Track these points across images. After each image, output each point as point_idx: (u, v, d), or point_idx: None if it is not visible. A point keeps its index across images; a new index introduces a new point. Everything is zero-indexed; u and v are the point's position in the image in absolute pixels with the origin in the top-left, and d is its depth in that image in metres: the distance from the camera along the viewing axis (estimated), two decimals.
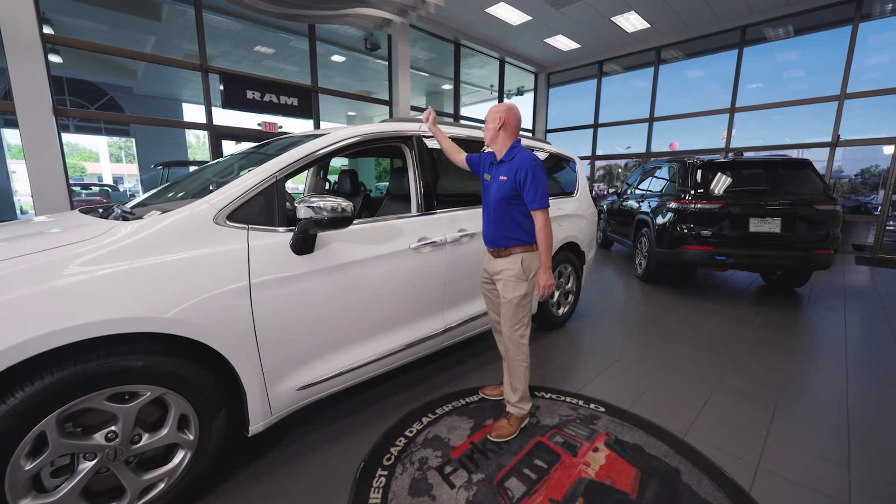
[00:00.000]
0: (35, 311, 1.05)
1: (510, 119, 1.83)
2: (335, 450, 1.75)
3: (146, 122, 10.33)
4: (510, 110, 1.84)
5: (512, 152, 1.83)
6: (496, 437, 1.82)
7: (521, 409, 1.89)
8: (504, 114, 1.82)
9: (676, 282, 4.98)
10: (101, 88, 12.65)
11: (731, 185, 4.11)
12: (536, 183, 1.72)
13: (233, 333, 1.40)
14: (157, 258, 1.28)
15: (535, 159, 1.76)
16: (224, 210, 1.46)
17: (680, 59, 9.08)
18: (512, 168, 1.77)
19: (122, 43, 8.63)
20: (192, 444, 1.39)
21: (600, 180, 11.29)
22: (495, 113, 1.84)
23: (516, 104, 1.89)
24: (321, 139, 1.79)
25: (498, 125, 1.83)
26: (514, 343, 1.87)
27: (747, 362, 2.70)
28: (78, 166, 24.75)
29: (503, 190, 1.79)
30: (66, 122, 13.94)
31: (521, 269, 1.82)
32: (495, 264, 1.90)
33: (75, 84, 11.91)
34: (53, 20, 7.40)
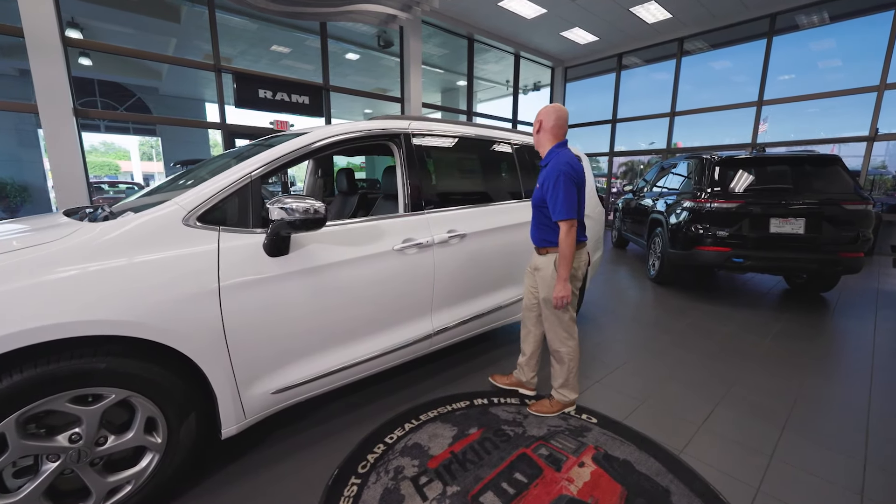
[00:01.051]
0: None
1: (546, 121, 1.87)
2: (312, 455, 1.72)
3: (163, 122, 10.68)
4: (548, 112, 1.87)
5: (547, 157, 1.88)
6: (535, 411, 2.01)
7: (563, 397, 2.01)
8: (542, 116, 1.88)
9: (693, 284, 4.75)
10: (129, 89, 13.09)
11: (751, 182, 3.87)
12: (557, 193, 1.75)
13: (201, 337, 1.39)
14: (120, 260, 1.26)
15: (564, 167, 1.76)
16: (194, 211, 1.44)
17: (704, 51, 8.67)
18: (543, 175, 1.85)
19: (147, 45, 8.89)
20: (161, 446, 1.38)
21: (622, 177, 10.94)
22: (536, 116, 1.92)
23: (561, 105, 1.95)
24: (300, 139, 1.75)
25: (535, 128, 1.91)
26: (557, 342, 1.96)
27: (759, 373, 2.53)
28: (112, 164, 25.90)
29: (536, 196, 1.92)
30: (97, 122, 14.58)
31: (555, 270, 1.88)
32: (536, 260, 2.04)
33: (105, 85, 12.41)
34: (84, 25, 7.71)
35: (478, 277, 2.36)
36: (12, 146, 9.77)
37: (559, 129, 1.88)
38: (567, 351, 1.94)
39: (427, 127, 2.24)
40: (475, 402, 2.14)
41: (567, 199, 1.74)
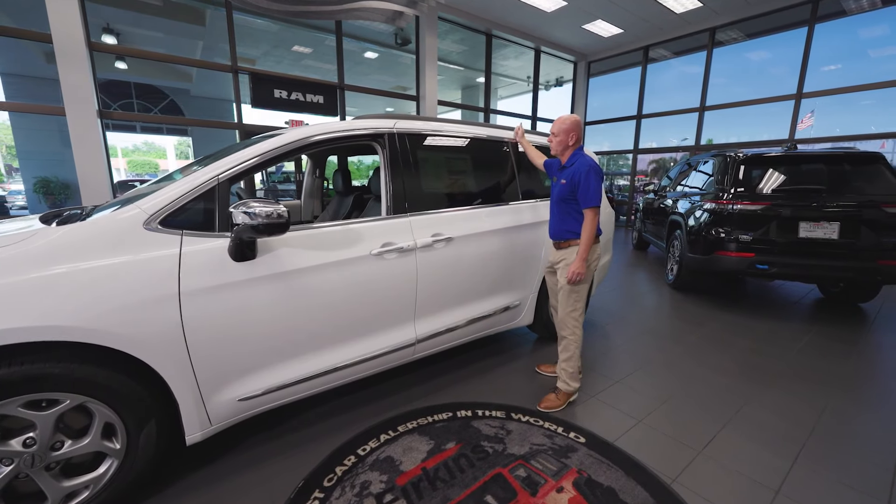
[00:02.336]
0: None
1: (580, 133, 2.15)
2: (280, 465, 1.68)
3: (183, 123, 11.06)
4: (577, 125, 2.12)
5: (573, 158, 2.12)
6: (544, 408, 2.08)
7: (567, 386, 2.13)
8: (578, 132, 2.12)
9: (715, 290, 4.46)
10: (163, 91, 13.67)
11: (780, 182, 3.57)
12: (588, 184, 2.00)
13: (160, 343, 1.36)
14: (74, 265, 1.25)
15: (591, 164, 2.04)
16: (157, 214, 1.42)
17: (739, 41, 8.14)
18: (570, 172, 2.08)
19: (176, 48, 9.26)
20: (119, 452, 1.37)
21: (652, 175, 10.49)
22: (569, 132, 2.11)
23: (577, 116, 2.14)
24: (273, 140, 1.71)
25: (572, 142, 2.12)
26: (567, 323, 2.14)
27: (777, 392, 2.31)
28: (153, 163, 27.26)
29: (563, 192, 2.12)
30: (133, 124, 15.32)
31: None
32: (556, 255, 2.24)
33: (141, 88, 13.02)
34: (118, 30, 8.08)
35: (466, 284, 2.26)
36: (56, 146, 10.40)
37: (581, 139, 2.17)
38: (574, 338, 2.13)
39: (414, 126, 2.16)
40: (458, 413, 2.04)
41: (597, 189, 2.00)
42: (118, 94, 12.34)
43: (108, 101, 12.09)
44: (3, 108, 6.41)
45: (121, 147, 25.61)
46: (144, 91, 13.11)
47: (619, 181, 11.39)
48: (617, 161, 11.82)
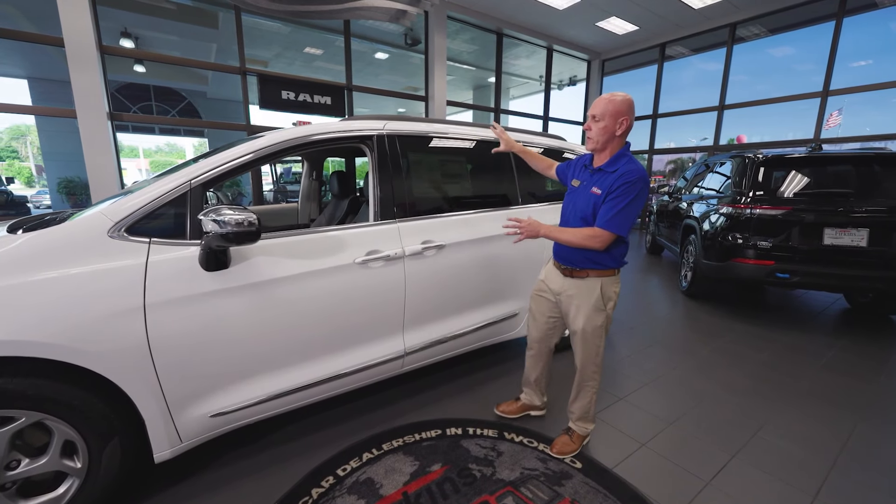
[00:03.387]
0: None
1: (632, 122, 1.54)
2: (256, 484, 1.60)
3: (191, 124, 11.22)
4: (633, 108, 1.53)
5: (617, 162, 1.55)
6: (557, 454, 1.77)
7: (584, 429, 1.82)
8: (630, 117, 1.52)
9: (732, 299, 4.23)
10: (181, 94, 13.95)
11: (802, 185, 3.35)
12: (624, 201, 1.47)
13: (124, 358, 1.29)
14: (31, 275, 1.19)
15: (644, 178, 1.49)
16: (123, 222, 1.35)
17: (761, 37, 7.80)
18: (611, 181, 1.51)
19: (191, 51, 9.41)
20: (81, 472, 1.31)
21: (670, 175, 10.18)
22: (618, 115, 1.50)
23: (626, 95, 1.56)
24: (253, 142, 1.63)
25: (621, 130, 1.52)
26: (590, 374, 1.75)
27: (797, 413, 2.13)
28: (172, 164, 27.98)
29: (593, 204, 1.56)
30: (153, 126, 15.69)
31: (601, 296, 1.63)
32: (563, 283, 1.72)
33: (159, 90, 13.32)
34: (138, 35, 8.25)
35: (459, 293, 2.15)
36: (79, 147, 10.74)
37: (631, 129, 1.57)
38: (595, 383, 1.78)
39: (405, 128, 2.06)
40: (447, 431, 1.93)
41: (632, 214, 1.49)
42: (138, 97, 12.65)
43: (128, 104, 12.41)
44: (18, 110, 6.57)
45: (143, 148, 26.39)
46: (163, 93, 13.41)
47: None
48: None
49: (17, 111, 6.01)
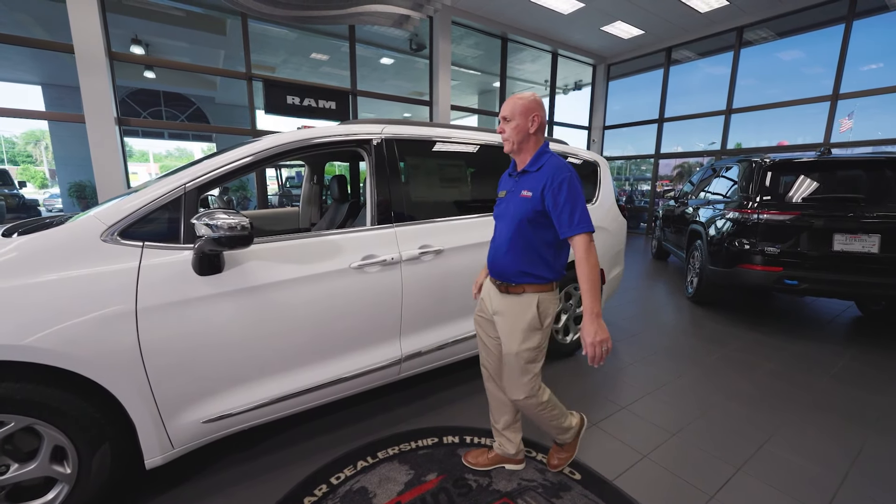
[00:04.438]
0: None
1: (544, 118, 1.44)
2: (249, 492, 1.57)
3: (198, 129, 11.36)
4: (542, 104, 1.44)
5: (539, 160, 1.44)
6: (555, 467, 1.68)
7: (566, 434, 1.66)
8: (541, 113, 1.42)
9: (738, 305, 4.15)
10: (190, 99, 14.14)
11: (811, 190, 3.28)
12: (574, 199, 1.33)
13: (115, 362, 1.28)
14: (21, 279, 1.19)
15: (570, 168, 1.38)
16: (116, 226, 1.35)
17: (769, 40, 7.72)
18: (539, 180, 1.39)
19: (199, 57, 9.54)
20: (70, 477, 1.30)
21: (676, 180, 10.11)
22: (528, 112, 1.41)
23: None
24: (249, 146, 1.63)
25: (533, 126, 1.42)
26: (528, 409, 1.53)
27: (806, 425, 2.06)
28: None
29: (525, 209, 1.40)
30: (162, 131, 15.91)
31: (537, 314, 1.42)
32: (499, 302, 1.50)
33: (169, 96, 13.52)
34: (148, 42, 8.39)
35: (458, 298, 2.12)
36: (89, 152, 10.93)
37: (546, 126, 1.49)
38: (542, 405, 1.52)
39: (403, 132, 2.04)
40: (444, 439, 1.90)
41: (585, 205, 1.35)
42: (148, 102, 12.86)
43: (139, 109, 12.61)
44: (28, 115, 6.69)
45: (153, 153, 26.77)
46: (172, 99, 13.60)
47: (643, 186, 11.02)
48: (639, 166, 11.43)
49: (27, 116, 6.12)
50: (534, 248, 1.41)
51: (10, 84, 11.48)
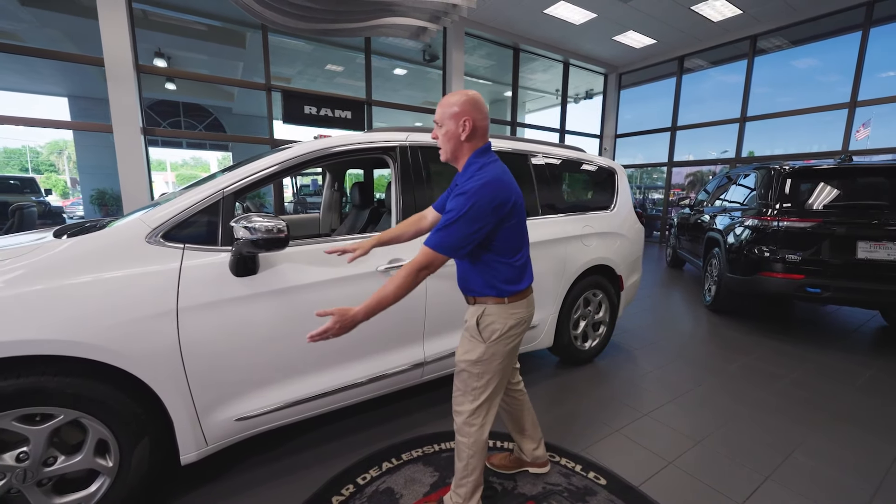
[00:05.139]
0: None
1: (480, 119, 1.25)
2: (275, 491, 1.60)
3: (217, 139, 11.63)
4: (476, 104, 1.25)
5: (467, 171, 1.27)
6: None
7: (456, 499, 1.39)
8: (473, 114, 1.24)
9: (758, 314, 4.09)
10: (208, 110, 14.53)
11: (832, 197, 3.25)
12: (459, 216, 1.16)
13: (156, 360, 1.34)
14: (73, 279, 1.25)
15: (488, 188, 1.17)
16: (159, 228, 1.41)
17: (784, 48, 7.70)
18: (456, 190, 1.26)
19: (219, 69, 9.83)
20: (112, 471, 1.34)
21: (689, 188, 10.05)
22: (458, 114, 1.24)
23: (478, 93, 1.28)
24: (281, 153, 1.69)
25: (465, 132, 1.24)
26: (458, 426, 1.36)
27: (833, 436, 2.03)
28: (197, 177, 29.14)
29: None
30: (180, 140, 16.34)
31: (476, 324, 1.32)
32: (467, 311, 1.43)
33: (188, 106, 13.91)
34: (170, 55, 8.68)
35: None
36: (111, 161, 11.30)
37: (488, 130, 1.30)
38: (467, 442, 1.34)
39: (427, 139, 2.09)
40: None
41: (461, 231, 1.17)
42: (168, 113, 13.24)
43: (159, 119, 12.99)
44: (61, 126, 6.96)
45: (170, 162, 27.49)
46: (191, 109, 13.99)
47: (654, 194, 10.96)
48: (651, 174, 11.39)
49: (60, 126, 6.36)
50: (483, 261, 1.29)
51: (39, 96, 11.95)
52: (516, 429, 1.67)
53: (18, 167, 28.13)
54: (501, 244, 1.26)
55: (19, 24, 7.08)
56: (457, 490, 1.39)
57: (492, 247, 1.27)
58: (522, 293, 1.34)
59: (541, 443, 1.68)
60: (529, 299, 1.38)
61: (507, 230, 1.25)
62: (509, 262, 1.30)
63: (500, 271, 1.30)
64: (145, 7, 6.19)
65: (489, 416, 1.35)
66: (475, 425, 1.33)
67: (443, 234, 1.18)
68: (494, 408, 1.37)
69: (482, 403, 1.33)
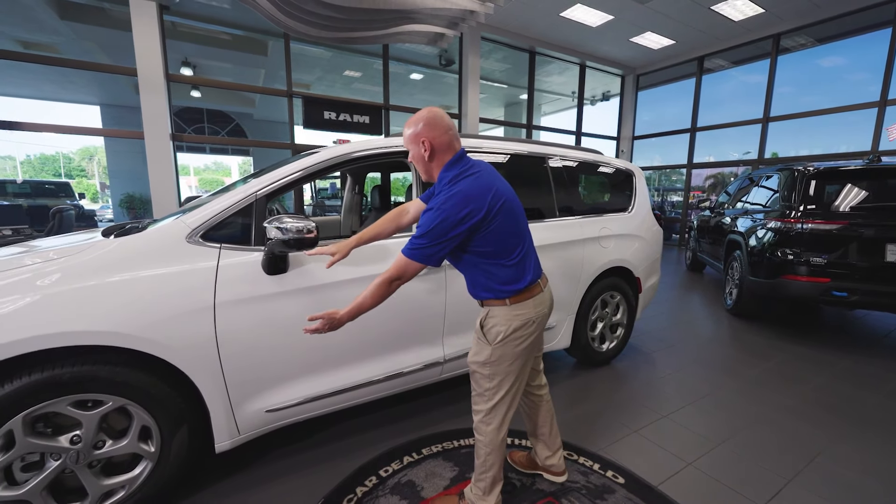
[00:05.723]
0: (2, 320, 1.16)
1: (438, 136, 1.28)
2: (302, 481, 1.67)
3: (241, 144, 11.94)
4: (430, 123, 1.27)
5: (439, 184, 1.31)
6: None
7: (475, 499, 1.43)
8: (427, 132, 1.27)
9: (781, 318, 4.00)
10: (230, 116, 14.98)
11: (860, 199, 3.17)
12: (430, 226, 1.20)
13: (195, 351, 1.42)
14: (123, 275, 1.35)
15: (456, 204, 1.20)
16: (198, 229, 1.50)
17: (808, 46, 7.51)
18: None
19: (242, 76, 10.15)
20: (154, 455, 1.43)
21: (710, 190, 9.87)
22: (414, 137, 1.29)
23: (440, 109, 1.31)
24: (309, 158, 1.77)
25: (426, 151, 1.29)
26: (475, 424, 1.40)
27: (858, 442, 1.99)
28: (220, 181, 30.03)
29: None
30: (203, 145, 16.86)
31: (480, 325, 1.38)
32: None
33: (211, 113, 14.37)
34: (196, 63, 9.02)
35: None
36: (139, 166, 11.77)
37: (451, 142, 1.30)
38: (483, 440, 1.38)
39: None
40: None
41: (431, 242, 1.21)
42: (192, 120, 13.71)
43: (184, 126, 13.47)
44: (97, 133, 7.32)
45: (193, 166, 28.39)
46: (214, 116, 14.46)
47: (674, 197, 10.79)
48: (669, 176, 11.22)
49: (95, 133, 6.67)
50: (475, 266, 1.33)
51: (73, 105, 12.55)
52: (531, 431, 1.67)
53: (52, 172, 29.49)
54: (489, 248, 1.28)
55: (58, 38, 7.48)
56: (476, 484, 1.44)
57: (479, 252, 1.29)
58: (525, 292, 1.33)
59: (557, 452, 1.65)
60: (538, 299, 1.36)
61: (490, 234, 1.26)
62: (502, 263, 1.30)
63: (494, 274, 1.31)
64: (174, 19, 6.46)
65: (506, 416, 1.37)
66: (491, 424, 1.36)
67: (415, 243, 1.23)
68: (512, 409, 1.39)
69: (497, 404, 1.35)
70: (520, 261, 1.33)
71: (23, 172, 26.73)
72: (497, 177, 1.35)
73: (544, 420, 1.63)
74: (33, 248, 1.65)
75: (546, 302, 1.40)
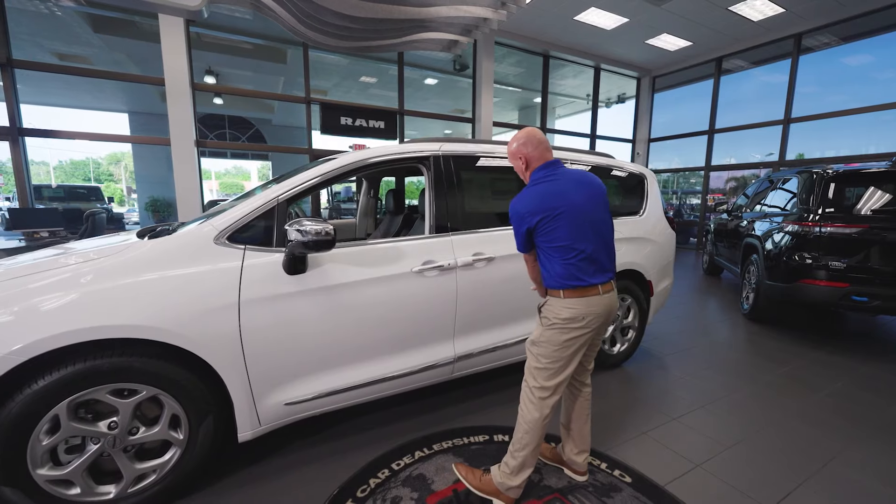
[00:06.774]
0: (50, 314, 1.28)
1: (530, 151, 1.55)
2: (317, 472, 1.75)
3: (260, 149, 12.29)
4: (526, 142, 1.54)
5: None
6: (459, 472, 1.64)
7: (497, 477, 1.53)
8: (521, 150, 1.55)
9: (800, 323, 3.92)
10: (250, 122, 15.40)
11: (882, 202, 3.11)
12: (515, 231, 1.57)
13: (221, 346, 1.52)
14: (157, 273, 1.46)
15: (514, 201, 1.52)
16: (225, 231, 1.61)
17: (832, 45, 7.33)
18: None
19: (262, 84, 10.47)
20: (182, 443, 1.53)
21: (731, 193, 9.68)
22: (513, 156, 1.60)
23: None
24: (329, 163, 1.87)
25: (523, 165, 1.58)
26: (521, 398, 1.56)
27: (874, 448, 1.96)
28: (239, 185, 30.86)
29: None
30: (225, 151, 17.37)
31: (539, 311, 1.58)
32: None
33: (232, 119, 14.82)
34: (218, 72, 9.34)
35: (507, 304, 2.23)
36: (164, 171, 12.22)
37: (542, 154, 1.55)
38: (524, 416, 1.51)
39: (459, 149, 2.22)
40: (495, 437, 2.00)
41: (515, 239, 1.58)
42: (214, 126, 14.16)
43: (206, 132, 13.92)
44: (127, 140, 7.66)
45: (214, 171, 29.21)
46: (235, 122, 14.90)
47: (692, 200, 10.62)
48: (688, 179, 11.04)
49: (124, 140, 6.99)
50: (542, 257, 1.55)
51: (103, 112, 13.14)
52: (565, 422, 1.73)
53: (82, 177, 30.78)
54: (550, 244, 1.48)
55: (91, 49, 7.88)
56: (507, 461, 1.53)
57: (543, 246, 1.51)
58: (580, 290, 1.46)
59: (583, 454, 1.69)
60: (592, 300, 1.47)
61: (546, 234, 1.47)
62: (560, 260, 1.48)
63: (553, 267, 1.50)
64: (199, 30, 6.73)
65: (547, 401, 1.49)
66: (533, 402, 1.50)
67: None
68: (555, 396, 1.50)
69: (541, 386, 1.50)
70: (579, 262, 1.46)
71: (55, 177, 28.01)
72: (575, 186, 1.50)
73: (579, 415, 1.69)
74: (72, 250, 1.78)
75: (601, 304, 1.49)
